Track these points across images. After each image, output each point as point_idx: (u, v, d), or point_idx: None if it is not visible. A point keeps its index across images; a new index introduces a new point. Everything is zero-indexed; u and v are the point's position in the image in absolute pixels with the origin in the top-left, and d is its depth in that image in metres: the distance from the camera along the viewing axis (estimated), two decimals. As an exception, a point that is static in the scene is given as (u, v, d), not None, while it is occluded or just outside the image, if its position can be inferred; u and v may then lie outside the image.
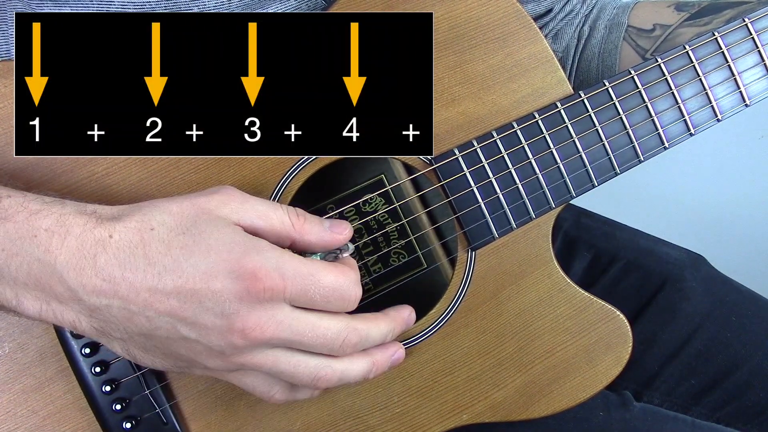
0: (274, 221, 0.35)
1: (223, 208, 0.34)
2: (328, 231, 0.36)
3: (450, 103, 0.44)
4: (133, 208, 0.34)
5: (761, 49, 0.47)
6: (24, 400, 0.39)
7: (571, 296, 0.46)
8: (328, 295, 0.34)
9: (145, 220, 0.33)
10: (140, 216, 0.33)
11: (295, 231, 0.35)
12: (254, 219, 0.34)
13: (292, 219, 0.35)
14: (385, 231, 0.50)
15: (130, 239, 0.32)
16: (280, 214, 0.35)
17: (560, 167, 0.45)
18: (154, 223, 0.33)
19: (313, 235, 0.36)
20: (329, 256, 0.37)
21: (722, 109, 0.47)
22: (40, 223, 0.33)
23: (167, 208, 0.34)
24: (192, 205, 0.34)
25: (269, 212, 0.35)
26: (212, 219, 0.33)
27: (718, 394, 0.58)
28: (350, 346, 0.35)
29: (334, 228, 0.37)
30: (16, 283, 0.33)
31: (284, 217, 0.35)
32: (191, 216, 0.33)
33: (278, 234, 0.35)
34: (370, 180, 0.51)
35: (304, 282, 0.33)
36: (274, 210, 0.35)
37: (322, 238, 0.36)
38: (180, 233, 0.33)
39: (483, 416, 0.45)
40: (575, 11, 0.58)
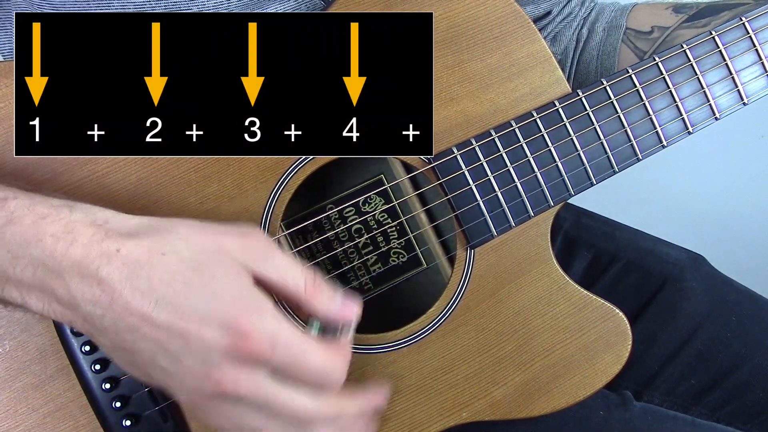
0: (288, 281, 0.35)
1: (243, 253, 0.34)
2: (339, 308, 0.36)
3: (448, 102, 0.45)
4: (151, 228, 0.34)
5: (758, 48, 0.48)
6: (24, 398, 0.40)
7: (570, 294, 0.47)
8: (311, 377, 0.34)
9: (159, 244, 0.33)
10: (156, 238, 0.33)
11: (304, 297, 0.35)
12: (271, 273, 0.34)
13: (307, 284, 0.35)
14: (384, 229, 0.50)
15: (138, 258, 0.32)
16: (297, 277, 0.35)
17: (558, 165, 0.46)
18: (168, 249, 0.33)
19: (322, 306, 0.36)
20: (329, 329, 0.36)
21: (720, 108, 0.48)
22: (47, 228, 0.33)
23: (187, 237, 0.34)
24: (214, 241, 0.34)
25: (287, 271, 0.35)
26: (227, 263, 0.33)
27: (718, 393, 0.59)
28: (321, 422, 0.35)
29: (344, 308, 0.36)
30: (21, 284, 0.34)
31: (299, 281, 0.35)
32: (208, 253, 0.33)
33: (288, 293, 0.35)
34: (369, 180, 0.51)
35: (292, 358, 0.33)
36: (292, 270, 0.35)
37: (330, 312, 0.36)
38: (189, 268, 0.33)
39: (483, 414, 0.46)
40: (574, 14, 0.59)
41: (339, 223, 0.51)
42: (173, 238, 0.33)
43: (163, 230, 0.34)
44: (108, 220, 0.34)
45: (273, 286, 0.35)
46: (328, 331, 0.36)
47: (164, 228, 0.34)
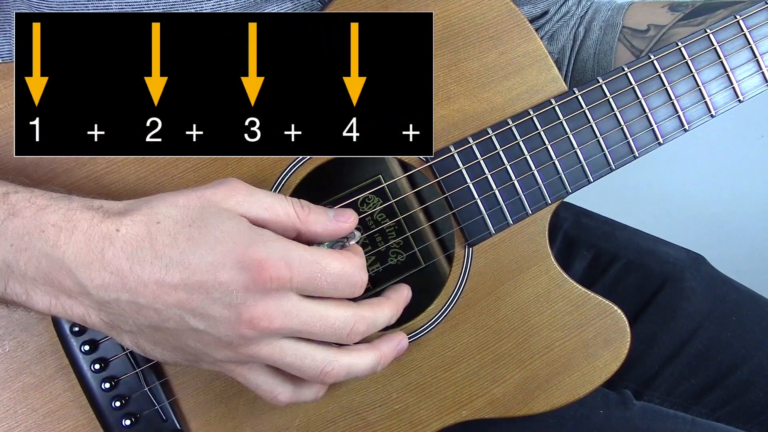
0: (279, 212, 0.36)
1: (229, 199, 0.35)
2: (333, 220, 0.38)
3: (445, 101, 0.46)
4: (140, 202, 0.36)
5: (753, 45, 0.49)
6: (24, 398, 0.41)
7: (569, 292, 0.48)
8: (336, 282, 0.35)
9: (151, 214, 0.34)
10: (147, 209, 0.35)
11: (300, 222, 0.37)
12: (259, 211, 0.36)
13: (297, 210, 0.37)
14: (382, 228, 0.52)
15: (137, 233, 0.34)
16: (285, 205, 0.37)
17: (555, 163, 0.47)
18: (161, 216, 0.34)
19: (319, 225, 0.37)
20: (336, 245, 0.38)
21: (716, 105, 0.49)
22: (48, 218, 0.34)
23: (174, 201, 0.35)
24: (198, 197, 0.35)
25: (274, 204, 0.36)
26: (218, 211, 0.35)
27: (718, 393, 0.60)
28: (358, 333, 0.37)
29: (339, 217, 0.38)
30: (25, 279, 0.35)
31: (289, 209, 0.37)
32: (197, 208, 0.35)
33: (283, 225, 0.36)
34: (367, 180, 0.53)
35: (310, 270, 0.35)
36: (279, 202, 0.37)
37: (327, 228, 0.37)
38: (186, 225, 0.34)
39: (482, 412, 0.47)
40: (570, 13, 0.61)
41: (337, 222, 0.52)
42: (162, 206, 0.35)
43: (150, 202, 0.35)
44: (102, 205, 0.36)
45: (266, 223, 0.36)
46: (336, 247, 0.38)
47: (150, 201, 0.36)
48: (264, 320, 0.34)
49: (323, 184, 0.53)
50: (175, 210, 0.35)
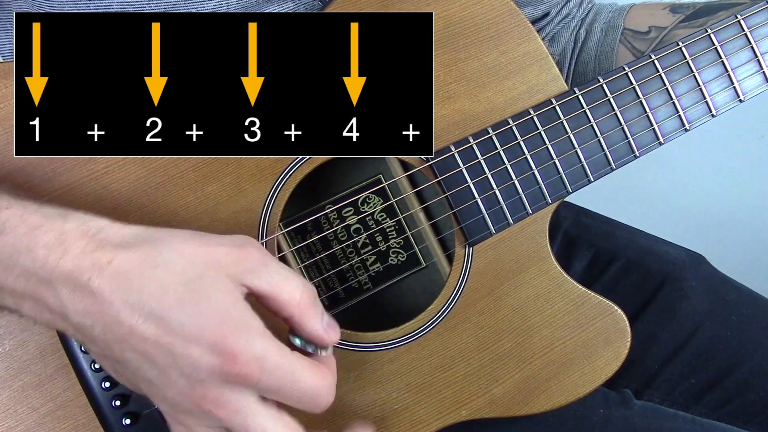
0: (283, 294, 0.35)
1: (238, 266, 0.34)
2: (323, 329, 0.36)
3: (446, 101, 0.46)
4: (145, 239, 0.34)
5: (754, 45, 0.49)
6: (24, 397, 0.41)
7: (569, 291, 0.48)
8: (302, 397, 0.35)
9: (151, 256, 0.33)
10: (148, 249, 0.33)
11: (297, 311, 0.35)
12: (264, 285, 0.34)
13: (303, 298, 0.35)
14: (383, 228, 0.52)
15: (129, 270, 0.33)
16: (292, 288, 0.35)
17: (556, 163, 0.47)
18: (160, 262, 0.33)
19: (310, 324, 0.36)
20: (309, 346, 0.37)
21: (716, 105, 0.49)
22: (39, 239, 0.34)
23: (181, 250, 0.34)
24: (207, 254, 0.34)
25: (282, 283, 0.35)
26: (219, 278, 0.33)
27: (718, 393, 0.60)
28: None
29: (329, 328, 0.36)
30: (14, 293, 0.35)
31: (294, 293, 0.35)
32: (200, 267, 0.33)
33: (280, 306, 0.35)
34: (367, 179, 0.53)
35: (281, 379, 0.34)
36: (287, 283, 0.35)
37: (314, 331, 0.36)
38: (181, 282, 0.33)
39: (482, 412, 0.47)
40: (572, 15, 0.61)
41: (337, 222, 0.52)
42: (166, 251, 0.34)
43: (157, 241, 0.34)
44: (101, 230, 0.34)
45: (264, 298, 0.35)
46: (309, 347, 0.37)
47: (158, 239, 0.34)
48: (212, 404, 0.33)
49: (323, 184, 0.53)
50: (178, 260, 0.34)
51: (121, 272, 0.33)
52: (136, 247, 0.34)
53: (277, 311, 0.35)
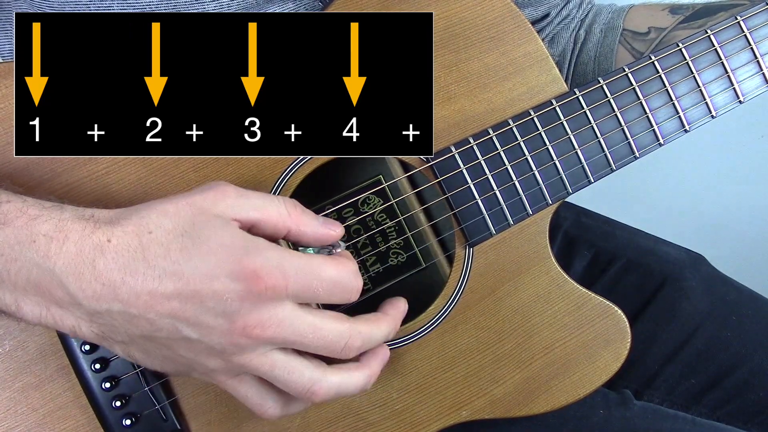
0: (271, 212, 0.36)
1: (220, 204, 0.35)
2: (323, 225, 0.38)
3: (446, 102, 0.46)
4: (129, 211, 0.35)
5: (753, 46, 0.49)
6: (24, 398, 0.41)
7: (569, 292, 0.48)
8: (331, 288, 0.35)
9: (142, 224, 0.34)
10: (137, 219, 0.34)
11: (291, 221, 0.37)
12: (250, 212, 0.36)
13: (289, 209, 0.37)
14: (383, 228, 0.52)
15: (129, 243, 0.34)
16: (277, 204, 0.37)
17: (556, 164, 0.47)
18: (152, 226, 0.34)
19: (309, 227, 0.37)
20: (323, 252, 0.38)
21: (716, 106, 0.49)
22: (39, 228, 0.34)
23: (164, 210, 0.35)
24: (188, 204, 0.35)
25: (266, 204, 0.36)
26: (209, 218, 0.35)
27: (718, 393, 0.60)
28: (353, 349, 0.36)
29: (327, 224, 0.38)
30: (15, 288, 0.35)
31: (281, 208, 0.37)
32: (188, 216, 0.34)
33: (275, 225, 0.36)
34: (367, 180, 0.53)
35: (306, 278, 0.35)
36: (270, 201, 0.37)
37: (317, 231, 0.37)
38: (178, 235, 0.34)
39: (482, 412, 0.47)
40: (571, 16, 0.61)
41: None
42: (153, 215, 0.35)
43: (140, 211, 0.35)
44: (93, 214, 0.35)
45: (258, 224, 0.36)
46: (323, 253, 0.38)
47: (140, 209, 0.35)
48: (257, 328, 0.34)
49: (323, 185, 0.53)
50: (166, 219, 0.34)
51: (121, 248, 0.34)
52: (126, 220, 0.35)
53: (273, 233, 0.36)
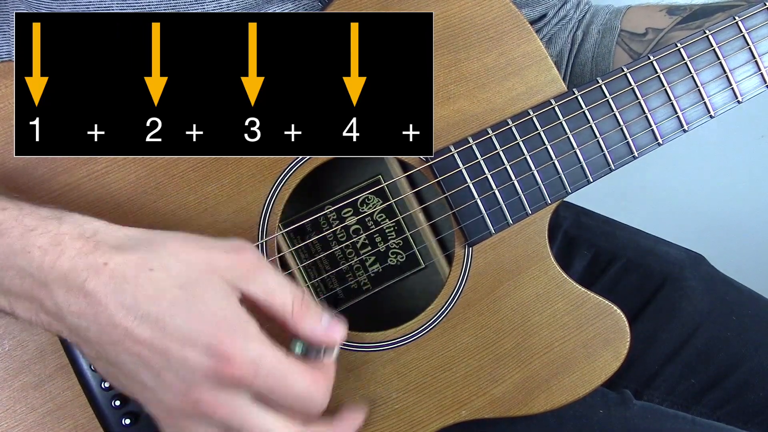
0: (276, 302, 0.35)
1: (233, 271, 0.35)
2: (323, 330, 0.37)
3: (445, 101, 0.47)
4: (141, 241, 0.35)
5: (752, 46, 0.50)
6: (23, 398, 0.41)
7: (569, 292, 0.48)
8: (294, 400, 0.35)
9: (147, 259, 0.34)
10: (145, 252, 0.34)
11: (291, 318, 0.36)
12: (258, 291, 0.35)
13: (295, 306, 0.36)
14: (382, 228, 0.52)
15: (125, 273, 0.33)
16: (285, 296, 0.36)
17: (555, 163, 0.48)
18: (155, 265, 0.34)
19: (308, 329, 0.36)
20: (312, 351, 0.37)
21: (715, 106, 0.50)
22: (35, 240, 0.34)
23: (177, 253, 0.34)
24: (203, 259, 0.34)
25: (275, 291, 0.35)
26: (214, 282, 0.34)
27: (718, 393, 0.60)
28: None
29: (330, 329, 0.37)
30: (9, 293, 0.35)
31: (287, 302, 0.36)
32: (196, 270, 0.34)
33: (275, 313, 0.36)
34: (367, 180, 0.53)
35: (275, 383, 0.34)
36: (281, 290, 0.36)
37: (315, 335, 0.36)
38: (176, 285, 0.33)
39: (482, 412, 0.47)
40: (569, 16, 0.62)
41: (337, 222, 0.53)
42: (163, 254, 0.34)
43: (153, 244, 0.35)
44: (97, 232, 0.35)
45: (260, 305, 0.36)
46: (311, 351, 0.37)
47: (154, 242, 0.35)
48: (208, 407, 0.34)
49: (323, 184, 0.53)
50: (174, 263, 0.34)
51: (116, 274, 0.33)
52: (132, 249, 0.34)
53: (272, 317, 0.36)
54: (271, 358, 0.34)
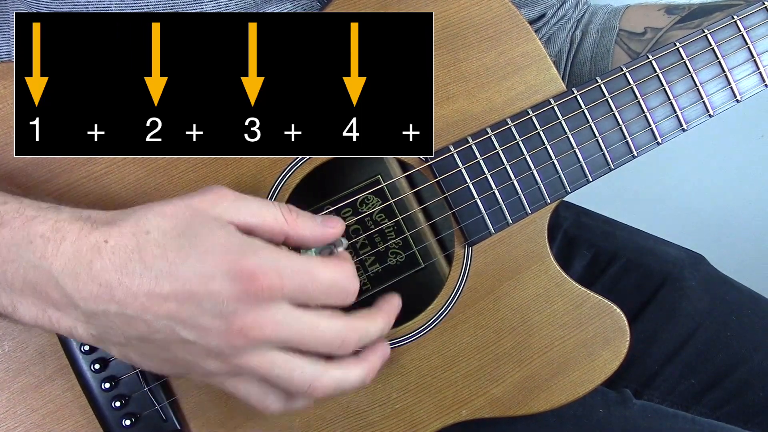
0: (267, 218, 0.36)
1: (216, 207, 0.36)
2: (321, 225, 0.38)
3: (445, 101, 0.47)
4: (127, 213, 0.35)
5: (750, 46, 0.50)
6: (23, 399, 0.41)
7: (568, 291, 0.49)
8: (327, 290, 0.36)
9: (140, 224, 0.35)
10: (135, 220, 0.35)
11: (288, 226, 0.37)
12: (247, 217, 0.36)
13: (285, 215, 0.37)
14: (381, 228, 0.52)
15: (126, 244, 0.34)
16: (273, 210, 0.37)
17: (554, 163, 0.48)
18: (149, 227, 0.34)
19: (307, 230, 0.38)
20: (324, 252, 0.38)
21: (714, 105, 0.50)
22: (36, 229, 0.34)
23: (161, 211, 0.35)
24: (186, 206, 0.35)
25: (262, 209, 0.37)
26: (206, 220, 0.35)
27: (718, 393, 0.60)
28: (350, 345, 0.37)
29: (326, 222, 0.38)
30: (12, 290, 0.35)
31: (277, 214, 0.37)
32: (186, 218, 0.35)
33: (272, 230, 0.37)
34: (366, 180, 0.54)
35: (302, 279, 0.35)
36: (266, 207, 0.37)
37: (316, 233, 0.38)
38: (175, 236, 0.34)
39: (482, 411, 0.48)
40: (567, 16, 0.62)
41: (336, 222, 0.53)
42: (151, 216, 0.35)
43: (138, 212, 0.35)
44: (90, 215, 0.36)
45: (255, 229, 0.36)
46: (324, 253, 0.38)
47: (138, 210, 0.36)
48: (255, 329, 0.34)
49: (322, 185, 0.53)
50: (163, 220, 0.35)
51: (118, 249, 0.34)
52: (123, 222, 0.35)
53: (271, 238, 0.37)
54: (290, 260, 0.35)
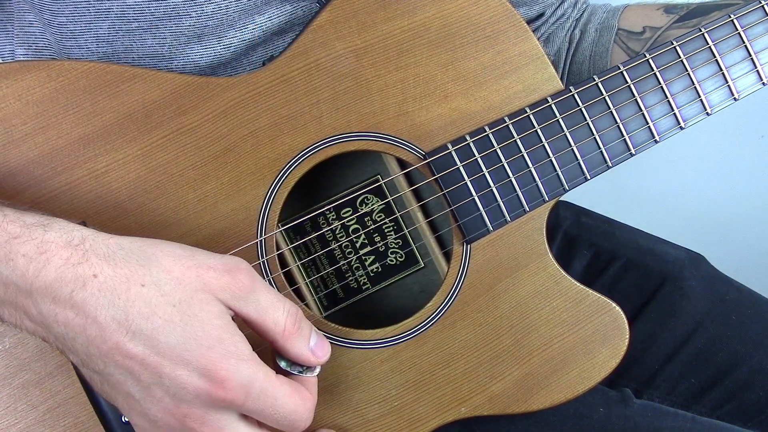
0: (267, 321, 0.36)
1: (226, 292, 0.35)
2: (309, 352, 0.38)
3: (443, 100, 0.48)
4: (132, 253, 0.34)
5: (747, 44, 0.51)
6: (24, 395, 0.42)
7: (567, 288, 0.49)
8: (281, 419, 0.36)
9: (139, 273, 0.33)
10: (136, 265, 0.34)
11: (281, 337, 0.36)
12: (251, 312, 0.36)
13: (287, 325, 0.36)
14: (380, 226, 0.53)
15: (115, 286, 0.33)
16: (278, 316, 0.36)
17: (552, 161, 0.48)
18: (147, 280, 0.33)
19: (295, 349, 0.37)
20: (295, 368, 0.38)
21: (711, 103, 0.51)
22: (19, 248, 0.34)
23: (169, 269, 0.34)
24: (196, 277, 0.34)
25: (268, 311, 0.36)
26: (208, 302, 0.34)
27: (718, 392, 0.60)
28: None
29: (317, 349, 0.38)
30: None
31: (279, 320, 0.36)
32: (189, 290, 0.34)
33: (265, 333, 0.36)
34: (365, 179, 0.54)
35: (264, 403, 0.35)
36: (273, 309, 0.36)
37: (302, 355, 0.37)
38: (170, 304, 0.33)
39: (481, 409, 0.48)
40: (566, 15, 0.63)
41: (335, 221, 0.53)
42: (154, 269, 0.34)
43: (145, 257, 0.34)
44: (85, 240, 0.34)
45: (251, 324, 0.36)
46: (295, 368, 0.38)
47: (146, 254, 0.34)
48: (196, 423, 0.34)
49: (322, 183, 0.54)
50: (166, 279, 0.34)
51: (106, 288, 0.33)
52: (123, 261, 0.34)
53: (262, 336, 0.37)
54: (263, 381, 0.35)
